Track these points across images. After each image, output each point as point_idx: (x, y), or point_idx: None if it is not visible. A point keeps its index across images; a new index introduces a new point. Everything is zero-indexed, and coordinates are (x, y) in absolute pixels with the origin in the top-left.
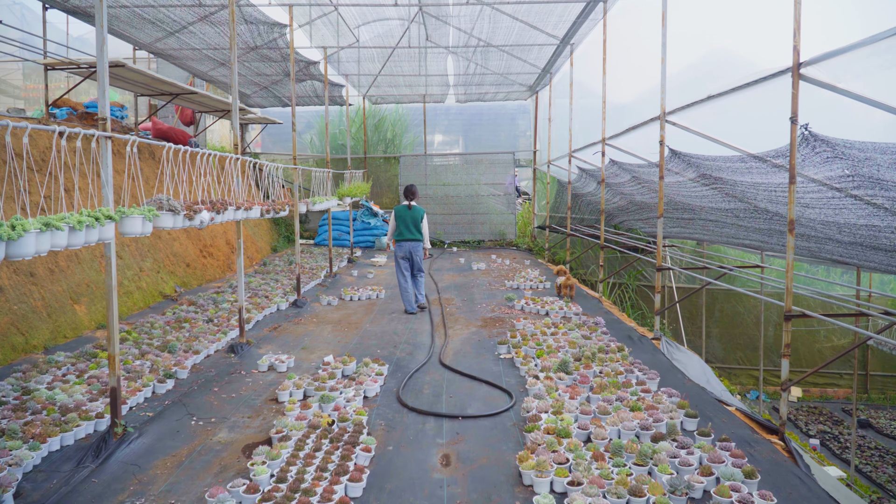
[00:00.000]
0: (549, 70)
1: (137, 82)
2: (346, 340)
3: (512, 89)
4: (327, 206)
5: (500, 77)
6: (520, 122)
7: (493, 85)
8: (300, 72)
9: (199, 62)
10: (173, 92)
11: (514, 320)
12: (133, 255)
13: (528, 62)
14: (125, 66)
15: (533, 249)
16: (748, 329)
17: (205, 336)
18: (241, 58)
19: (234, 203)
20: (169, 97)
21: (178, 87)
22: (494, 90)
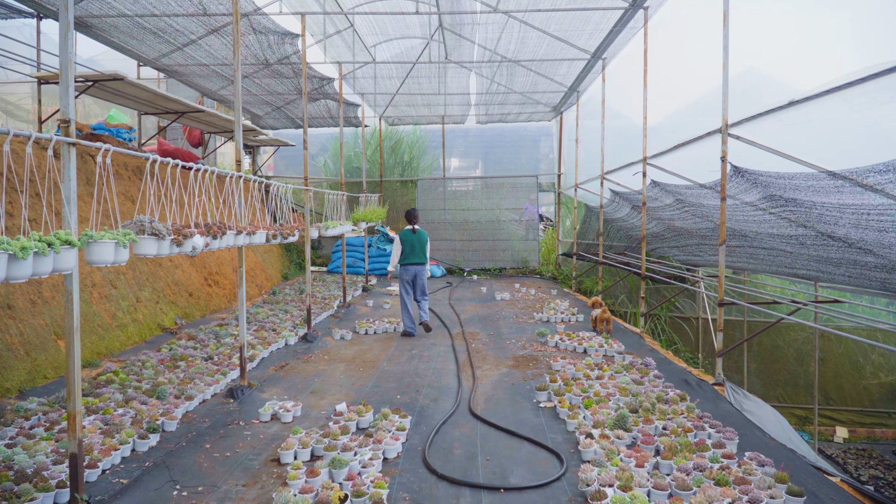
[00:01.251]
0: (577, 89)
1: (140, 99)
2: (360, 382)
3: (536, 110)
4: (341, 232)
5: (524, 97)
6: (542, 144)
7: (517, 104)
8: (314, 90)
9: (207, 79)
10: (178, 110)
11: (550, 359)
12: (129, 284)
13: (554, 80)
14: (124, 80)
15: (558, 278)
16: (788, 364)
17: (201, 377)
18: (253, 75)
19: (235, 227)
20: (174, 115)
21: (183, 104)
22: (518, 110)
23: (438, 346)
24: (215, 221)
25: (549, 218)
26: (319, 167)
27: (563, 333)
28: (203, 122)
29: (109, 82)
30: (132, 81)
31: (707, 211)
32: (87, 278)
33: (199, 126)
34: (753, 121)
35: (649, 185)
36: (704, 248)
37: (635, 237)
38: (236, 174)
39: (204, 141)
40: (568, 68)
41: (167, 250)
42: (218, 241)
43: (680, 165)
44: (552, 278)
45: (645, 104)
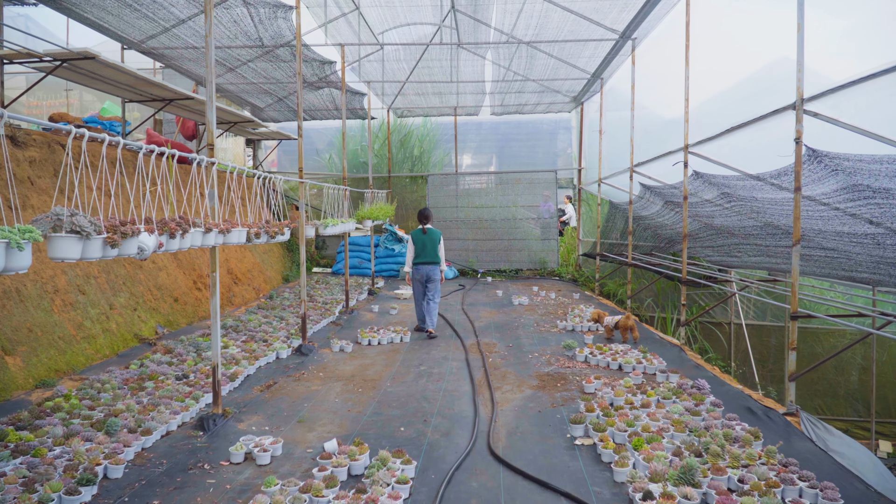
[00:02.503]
0: (601, 75)
1: (120, 83)
2: (358, 408)
3: (554, 100)
4: (342, 230)
5: (543, 85)
6: (560, 138)
7: (535, 93)
8: (314, 75)
9: (199, 63)
10: (165, 97)
11: (581, 378)
12: (101, 288)
13: (576, 66)
14: (96, 59)
15: (578, 280)
16: (828, 374)
17: (169, 403)
18: (249, 62)
19: (204, 224)
20: (161, 103)
21: (170, 90)
22: (536, 100)
23: (451, 360)
24: (175, 217)
25: None
26: (324, 163)
27: (592, 346)
28: (196, 112)
29: (80, 62)
30: (106, 61)
31: (760, 206)
32: (48, 283)
33: (192, 117)
34: (836, 93)
35: (691, 176)
36: (745, 248)
37: (664, 236)
38: (207, 160)
39: (199, 133)
40: (594, 50)
41: (98, 252)
42: (178, 241)
43: (729, 154)
44: (572, 280)
45: (687, 84)
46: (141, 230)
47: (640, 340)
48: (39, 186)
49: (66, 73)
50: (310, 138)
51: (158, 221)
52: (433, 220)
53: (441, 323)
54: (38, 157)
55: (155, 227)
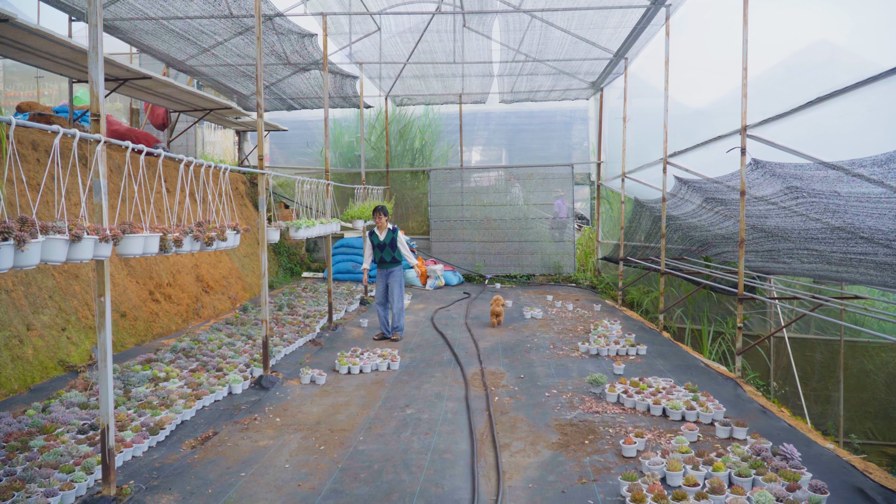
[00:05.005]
0: (624, 55)
1: (54, 56)
2: (312, 481)
3: (570, 85)
4: (322, 233)
5: (557, 68)
6: (575, 130)
7: (549, 76)
8: (294, 52)
9: (160, 38)
10: (118, 76)
11: (617, 431)
12: (16, 305)
13: (596, 45)
14: (10, 21)
15: (598, 287)
16: (878, 392)
17: (49, 477)
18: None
19: (81, 229)
20: (114, 83)
21: (119, 66)
22: (550, 85)
23: (446, 398)
24: (12, 218)
25: (584, 216)
26: (317, 156)
27: (626, 382)
28: (161, 97)
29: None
30: (24, 25)
31: (840, 203)
32: None
33: (160, 102)
34: None
35: (749, 165)
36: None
37: (696, 239)
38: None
39: (170, 122)
40: (620, 19)
41: None
42: (6, 256)
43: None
44: (591, 287)
45: (745, 48)
46: None
47: (683, 369)
48: None
49: None
50: (307, 129)
51: None
52: (387, 217)
53: (439, 343)
54: None
55: None
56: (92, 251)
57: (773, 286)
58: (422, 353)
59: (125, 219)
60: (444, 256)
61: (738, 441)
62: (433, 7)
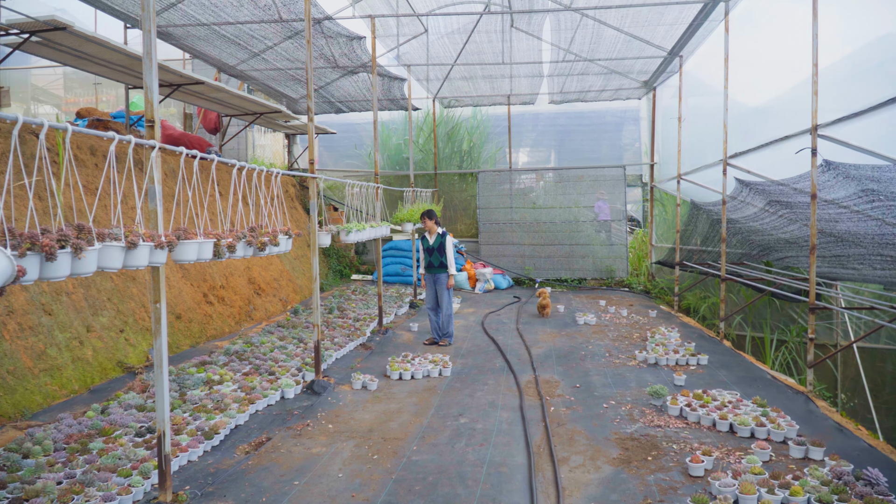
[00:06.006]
0: (679, 52)
1: (110, 63)
2: (366, 493)
3: (622, 84)
4: (371, 236)
5: (609, 67)
6: (626, 131)
7: (600, 75)
8: (343, 55)
9: (211, 44)
10: (171, 82)
11: (682, 448)
12: (77, 307)
13: (650, 43)
14: (67, 29)
15: (652, 292)
16: None
17: (107, 479)
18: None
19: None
20: (168, 88)
21: (174, 72)
22: (601, 85)
23: (500, 407)
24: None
25: (636, 218)
26: (365, 159)
27: (689, 395)
28: (213, 101)
29: (51, 34)
30: (81, 33)
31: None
32: (0, 303)
33: (212, 107)
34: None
35: (820, 167)
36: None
37: (757, 243)
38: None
39: (222, 126)
40: (676, 16)
41: None
42: (64, 264)
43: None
44: (645, 293)
45: (815, 43)
46: None
47: (748, 381)
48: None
49: (39, 49)
50: (354, 132)
51: (22, 235)
52: (435, 221)
53: (491, 349)
54: (2, 150)
55: (7, 243)
56: (147, 258)
57: (840, 293)
58: (473, 359)
59: (180, 223)
60: (493, 259)
61: (815, 462)
62: (481, 7)
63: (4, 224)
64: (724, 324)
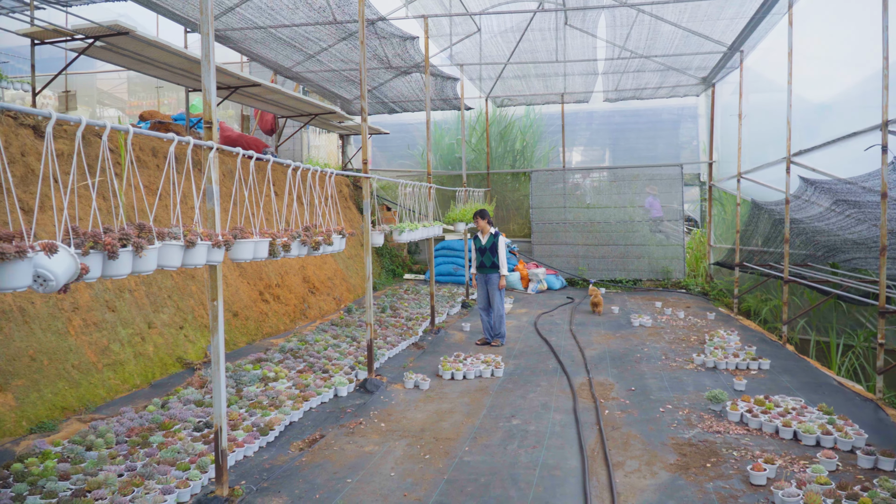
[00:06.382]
0: (739, 48)
1: (171, 67)
2: (418, 493)
3: (679, 81)
4: (424, 236)
5: (666, 64)
6: (683, 129)
7: (657, 72)
8: (396, 56)
9: (267, 46)
10: (229, 84)
11: (742, 455)
12: (139, 304)
13: (709, 38)
14: (130, 34)
15: (710, 294)
16: None
17: (167, 473)
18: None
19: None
20: (226, 91)
21: (232, 74)
22: (657, 82)
23: (553, 408)
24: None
25: (694, 218)
26: (418, 159)
27: (750, 400)
28: (269, 103)
29: (114, 39)
30: (142, 37)
31: None
32: (66, 300)
33: (268, 108)
34: None
35: (890, 165)
36: None
37: (823, 244)
38: (208, 145)
39: (278, 127)
40: (737, 10)
41: None
42: (125, 262)
43: None
44: (702, 294)
45: (885, 36)
46: (36, 249)
47: (812, 386)
48: (66, 185)
49: (103, 54)
50: (407, 132)
51: (85, 234)
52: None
53: (544, 350)
54: (68, 151)
55: (72, 242)
56: (205, 256)
57: None
58: (526, 360)
59: (236, 222)
60: (546, 259)
61: (885, 473)
62: (534, 5)
63: (69, 223)
64: (787, 327)
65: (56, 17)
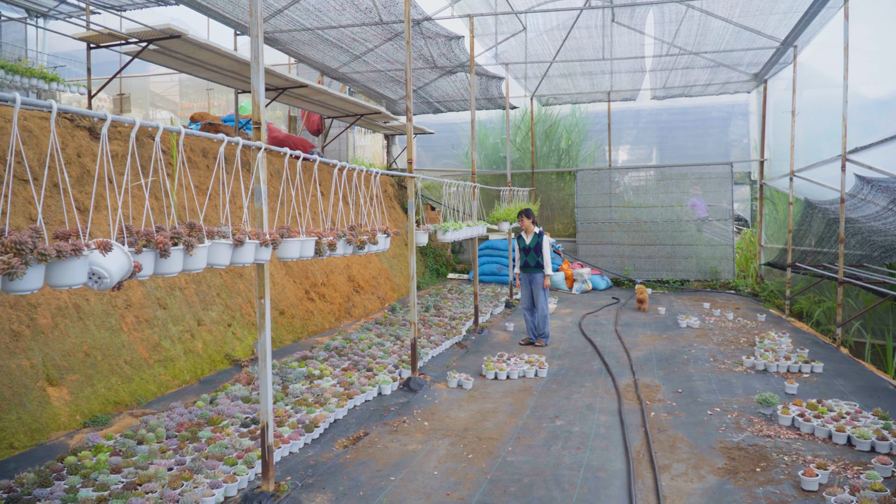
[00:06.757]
0: (793, 42)
1: (219, 68)
2: (460, 492)
3: (730, 78)
4: (468, 235)
5: (716, 60)
6: (733, 126)
7: (706, 69)
8: (441, 56)
9: (314, 47)
10: (277, 85)
11: (794, 460)
12: (189, 302)
13: (761, 33)
14: (182, 38)
15: (760, 295)
16: None
17: (215, 467)
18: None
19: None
20: (274, 92)
21: (278, 76)
22: (707, 79)
23: (597, 410)
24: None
25: (744, 217)
26: (462, 159)
27: (802, 404)
28: (316, 104)
29: (167, 42)
30: (194, 40)
31: None
32: (119, 297)
33: (315, 109)
34: None
35: None
36: None
37: (880, 244)
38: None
39: (324, 127)
40: (790, 4)
41: None
42: (177, 260)
43: None
44: (752, 295)
45: None
46: (91, 247)
47: (868, 391)
48: (120, 185)
49: (156, 57)
50: (452, 132)
51: (138, 232)
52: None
53: (588, 351)
54: (122, 152)
55: (125, 240)
56: (253, 255)
57: None
58: (570, 361)
59: (283, 222)
60: (591, 259)
61: None
62: (581, 2)
63: (122, 222)
64: (841, 330)
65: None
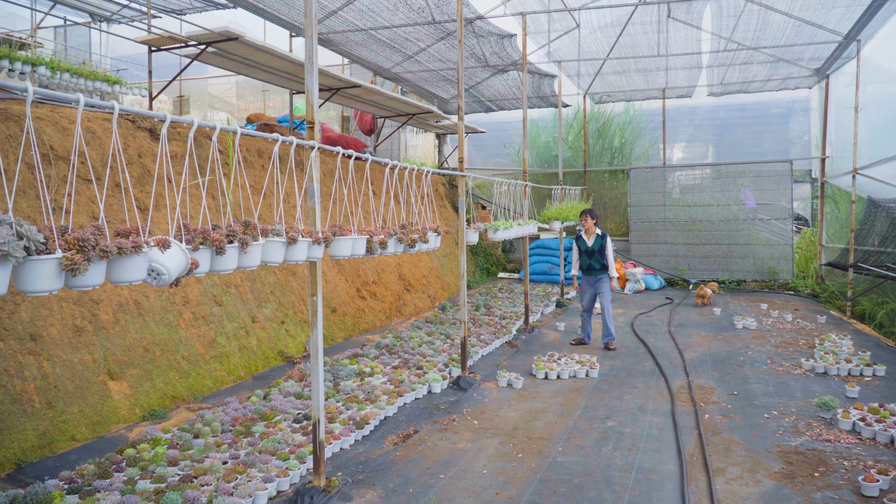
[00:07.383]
0: (856, 37)
1: (277, 71)
2: (510, 491)
3: (790, 73)
4: (519, 234)
5: (775, 55)
6: (794, 122)
7: (765, 64)
8: (493, 54)
9: (368, 48)
10: (331, 86)
11: (854, 465)
12: (244, 299)
13: (823, 27)
14: (239, 40)
15: (820, 297)
16: None
17: (268, 461)
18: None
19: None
20: (328, 92)
21: (334, 77)
22: (766, 75)
23: (649, 411)
24: (231, 223)
25: (804, 216)
26: (514, 157)
27: (863, 408)
28: (368, 103)
29: (224, 44)
30: (251, 42)
31: None
32: (177, 294)
33: (367, 109)
34: None
35: None
36: None
37: None
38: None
39: (376, 127)
40: None
41: (46, 283)
42: (232, 258)
43: None
44: (812, 296)
45: None
46: (150, 244)
47: None
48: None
49: (214, 59)
50: (503, 130)
51: (195, 230)
52: (596, 221)
53: (641, 351)
54: (180, 153)
55: (183, 238)
56: (306, 253)
57: None
58: (622, 361)
59: (336, 220)
60: (644, 259)
61: None
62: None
63: (180, 220)
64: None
65: (171, 25)
